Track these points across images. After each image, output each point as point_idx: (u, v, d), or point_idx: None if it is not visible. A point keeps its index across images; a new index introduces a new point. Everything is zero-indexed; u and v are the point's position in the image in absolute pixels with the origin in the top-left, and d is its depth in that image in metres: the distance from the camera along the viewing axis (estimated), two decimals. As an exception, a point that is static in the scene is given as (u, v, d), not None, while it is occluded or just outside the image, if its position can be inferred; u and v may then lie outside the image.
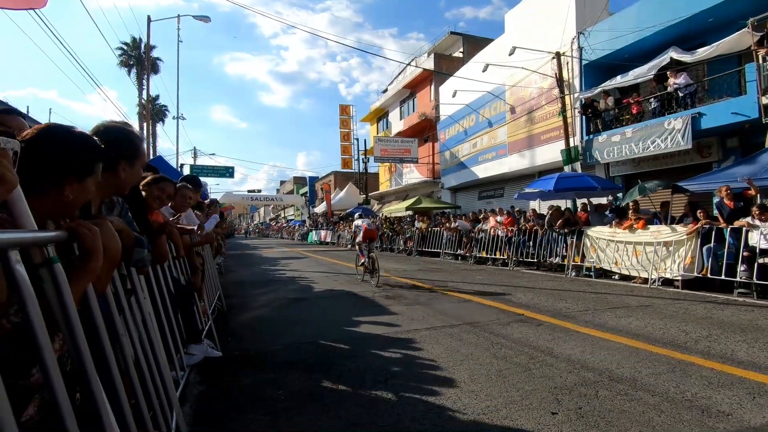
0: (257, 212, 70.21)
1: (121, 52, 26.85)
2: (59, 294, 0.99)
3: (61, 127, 1.25)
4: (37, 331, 0.82)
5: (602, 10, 12.89)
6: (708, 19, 10.25)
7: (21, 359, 0.97)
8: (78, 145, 1.20)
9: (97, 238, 1.10)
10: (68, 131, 1.23)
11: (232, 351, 4.26)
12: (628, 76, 11.69)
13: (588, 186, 10.47)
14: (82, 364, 1.05)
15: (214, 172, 26.98)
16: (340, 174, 38.67)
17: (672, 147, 10.35)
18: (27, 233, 0.90)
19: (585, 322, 5.02)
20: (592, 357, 3.74)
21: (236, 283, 9.50)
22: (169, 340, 2.58)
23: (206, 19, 18.70)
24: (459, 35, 25.47)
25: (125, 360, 1.52)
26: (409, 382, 3.29)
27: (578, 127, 13.52)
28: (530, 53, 13.53)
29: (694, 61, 10.24)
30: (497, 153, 17.61)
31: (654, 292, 7.27)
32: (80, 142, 1.21)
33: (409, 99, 27.11)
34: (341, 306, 6.61)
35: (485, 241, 12.86)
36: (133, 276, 1.92)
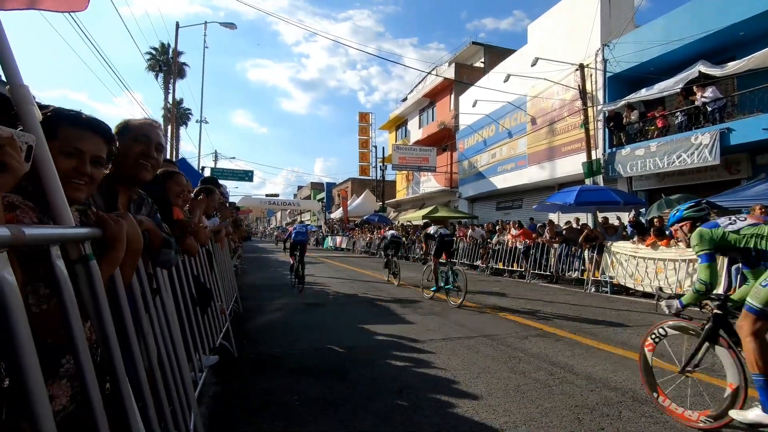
0: (274, 216, 70.94)
1: (149, 56, 27.65)
2: (93, 290, 1.01)
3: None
4: (74, 326, 0.83)
5: (628, 22, 12.72)
6: (739, 32, 10.00)
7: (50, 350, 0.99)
8: (52, 110, 1.20)
9: (121, 230, 1.13)
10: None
11: (247, 354, 4.28)
12: (654, 90, 11.47)
13: (610, 200, 10.26)
14: (111, 359, 1.06)
15: (234, 176, 27.39)
16: (357, 181, 38.83)
17: (699, 162, 10.09)
18: (67, 229, 0.92)
19: (606, 339, 4.89)
20: (614, 376, 3.63)
21: (252, 286, 9.58)
22: (189, 340, 2.60)
23: (232, 26, 19.12)
24: (480, 45, 25.44)
25: (149, 358, 1.54)
26: (425, 393, 3.24)
27: (601, 139, 13.30)
28: (553, 64, 13.42)
29: (724, 75, 9.99)
30: (517, 164, 17.44)
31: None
32: (56, 108, 1.22)
33: (428, 108, 27.15)
34: (356, 312, 6.59)
35: (502, 253, 12.70)
36: (159, 276, 1.95)
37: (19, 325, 0.66)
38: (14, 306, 0.66)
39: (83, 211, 1.26)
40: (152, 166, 1.75)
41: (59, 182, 1.00)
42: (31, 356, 0.67)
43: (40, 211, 1.06)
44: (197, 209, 2.92)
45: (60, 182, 0.99)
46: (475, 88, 19.42)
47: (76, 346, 0.84)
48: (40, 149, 0.99)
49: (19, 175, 0.81)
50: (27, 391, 0.67)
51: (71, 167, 1.14)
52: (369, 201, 32.04)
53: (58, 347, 0.99)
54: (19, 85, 1.00)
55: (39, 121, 1.01)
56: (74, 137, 1.16)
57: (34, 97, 1.03)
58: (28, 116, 0.99)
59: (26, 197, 1.05)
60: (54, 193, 0.99)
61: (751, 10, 9.36)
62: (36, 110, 1.02)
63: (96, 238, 1.06)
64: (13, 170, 0.79)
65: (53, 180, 0.99)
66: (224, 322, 4.37)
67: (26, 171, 0.85)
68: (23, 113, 0.99)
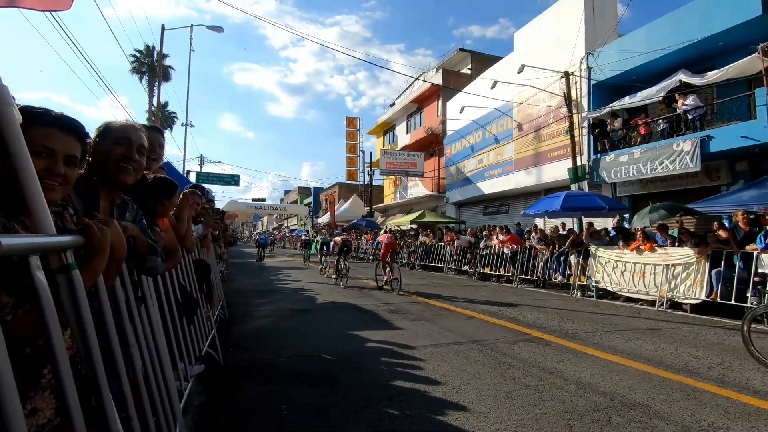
0: (260, 221, 70.31)
1: (134, 59, 27.25)
2: (74, 301, 0.96)
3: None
4: (54, 338, 0.78)
5: (611, 31, 12.99)
6: (718, 43, 10.28)
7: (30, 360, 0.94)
8: (19, 108, 1.14)
9: (105, 237, 1.08)
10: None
11: (234, 361, 4.20)
12: (637, 97, 11.71)
13: (595, 206, 10.41)
14: (93, 371, 1.01)
15: (220, 180, 27.07)
16: (344, 185, 38.74)
17: (680, 169, 10.30)
18: (47, 238, 0.87)
19: (594, 344, 4.92)
20: (602, 381, 3.65)
21: (239, 291, 9.44)
22: (174, 349, 2.53)
23: (219, 30, 18.96)
24: (468, 52, 25.70)
25: (134, 369, 1.48)
26: (416, 400, 3.21)
27: (586, 146, 13.51)
28: (539, 72, 13.61)
29: (704, 84, 10.24)
30: (504, 169, 17.60)
31: (662, 315, 7.15)
32: (23, 107, 1.15)
33: (416, 113, 27.27)
34: (345, 319, 6.53)
35: (489, 258, 12.77)
36: (144, 284, 1.89)
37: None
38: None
39: (58, 213, 1.21)
40: (134, 168, 1.69)
41: (40, 188, 0.95)
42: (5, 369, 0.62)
43: (5, 216, 1.01)
44: (185, 213, 2.85)
45: (41, 188, 0.94)
46: (463, 94, 19.58)
47: (56, 359, 0.79)
48: (18, 153, 0.95)
49: None
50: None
51: (42, 167, 1.08)
52: (356, 206, 31.98)
53: (38, 358, 0.94)
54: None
55: (19, 123, 0.96)
56: (44, 136, 1.11)
57: (13, 98, 0.99)
58: (8, 117, 0.94)
59: None
60: (34, 200, 0.94)
61: (731, 20, 9.63)
62: (16, 111, 0.97)
63: (79, 246, 1.01)
64: None
65: (33, 186, 0.94)
66: (210, 329, 4.28)
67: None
68: (2, 114, 0.94)
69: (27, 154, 0.94)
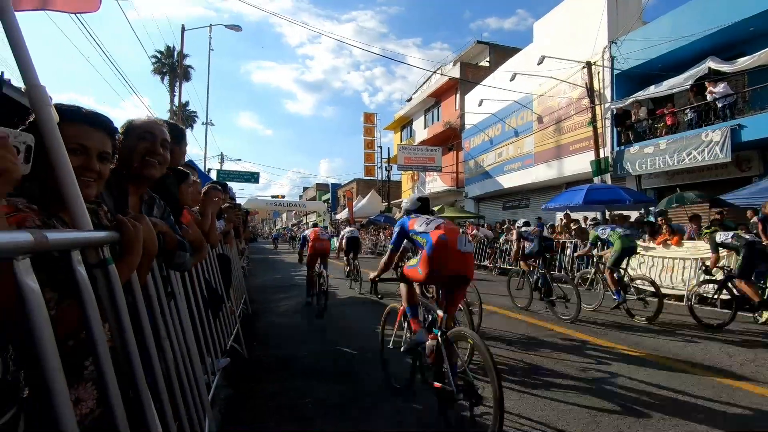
0: (279, 217, 71.14)
1: (155, 60, 27.83)
2: (112, 295, 0.99)
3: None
4: (95, 332, 0.80)
5: (635, 19, 12.60)
6: (749, 28, 9.86)
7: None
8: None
9: (138, 233, 1.10)
10: None
11: (258, 355, 4.27)
12: (663, 86, 11.35)
13: (619, 198, 10.15)
14: (130, 363, 1.04)
15: (240, 177, 27.42)
16: (362, 181, 38.80)
17: (709, 160, 9.96)
18: (86, 233, 0.90)
19: (620, 340, 4.82)
20: (630, 376, 3.57)
21: (260, 287, 9.58)
22: (201, 343, 2.58)
23: (237, 28, 19.16)
24: (485, 44, 25.32)
25: (166, 361, 1.52)
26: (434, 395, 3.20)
27: (609, 137, 13.19)
28: (559, 62, 13.32)
29: (734, 71, 9.86)
30: (523, 163, 17.34)
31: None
32: (55, 105, 1.18)
33: (433, 108, 27.07)
34: (364, 314, 6.56)
35: (510, 252, 12.62)
36: (173, 280, 1.93)
37: (43, 332, 0.64)
38: (38, 313, 0.63)
39: (93, 210, 1.24)
40: (159, 162, 1.73)
41: (77, 185, 0.98)
42: (54, 361, 0.65)
43: (45, 214, 1.04)
44: (209, 209, 2.90)
45: (78, 185, 0.97)
46: (481, 87, 19.34)
47: (98, 351, 0.82)
48: (56, 151, 0.97)
49: (15, 176, 0.75)
50: (51, 398, 0.65)
51: (78, 164, 1.10)
52: (374, 201, 32.01)
53: (80, 350, 0.97)
54: (36, 85, 0.98)
55: (57, 123, 0.99)
56: (78, 134, 1.13)
57: (50, 98, 1.02)
58: (45, 117, 0.97)
59: (31, 200, 1.02)
60: (71, 196, 0.97)
61: (762, 5, 9.22)
62: (53, 111, 1.00)
63: (114, 241, 1.04)
64: (8, 172, 0.74)
65: (70, 183, 0.97)
66: (234, 324, 4.36)
67: (25, 173, 0.81)
68: (40, 113, 0.97)
69: (64, 151, 0.97)
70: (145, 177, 1.68)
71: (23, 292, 0.62)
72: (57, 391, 0.64)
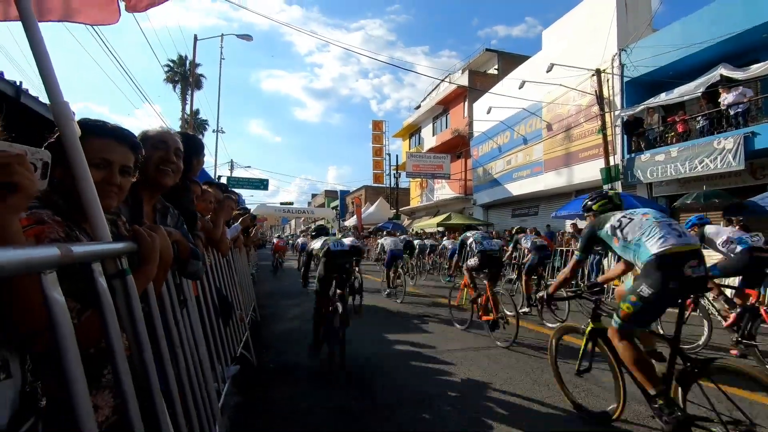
0: (288, 224, 71.46)
1: (168, 68, 28.32)
2: (129, 305, 1.01)
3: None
4: (114, 343, 0.82)
5: (645, 26, 12.54)
6: (762, 34, 9.77)
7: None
8: (78, 121, 1.18)
9: (155, 243, 1.13)
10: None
11: (267, 362, 4.28)
12: (674, 94, 11.26)
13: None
14: (145, 371, 1.06)
15: (249, 184, 27.66)
16: (371, 188, 38.91)
17: (723, 167, 9.83)
18: (107, 245, 0.92)
19: (631, 350, 4.74)
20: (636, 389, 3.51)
21: (268, 293, 9.63)
22: (212, 350, 2.61)
23: (248, 38, 19.44)
24: (494, 52, 25.36)
25: (178, 369, 1.54)
26: (448, 404, 3.19)
27: (619, 145, 13.09)
28: (568, 70, 13.29)
29: (747, 78, 9.75)
30: (533, 170, 17.27)
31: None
32: (81, 120, 1.21)
33: (442, 115, 27.13)
34: (373, 322, 6.55)
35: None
36: (185, 288, 1.96)
37: (69, 343, 0.66)
38: (64, 325, 0.66)
39: (113, 221, 1.27)
40: (172, 170, 1.78)
41: (97, 198, 1.01)
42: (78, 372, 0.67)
43: (68, 225, 1.07)
44: (221, 218, 2.94)
45: (98, 198, 1.00)
46: (490, 95, 19.36)
47: (116, 361, 0.84)
48: (78, 164, 1.01)
49: (32, 193, 0.78)
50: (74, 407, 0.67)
51: (101, 178, 1.14)
52: (383, 208, 32.03)
53: (99, 358, 1.00)
54: (60, 102, 1.01)
55: (78, 136, 1.02)
56: (102, 148, 1.16)
57: (74, 113, 1.05)
58: (69, 131, 1.00)
59: (56, 212, 1.06)
60: (92, 208, 1.00)
61: (776, 11, 9.15)
62: (75, 125, 1.03)
63: (132, 252, 1.06)
64: (25, 189, 0.76)
65: (91, 195, 1.00)
66: (244, 331, 4.39)
67: (42, 188, 0.84)
68: (64, 128, 1.00)
69: (86, 165, 1.00)
70: (160, 185, 1.72)
71: (50, 305, 0.64)
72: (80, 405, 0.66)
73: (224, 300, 3.32)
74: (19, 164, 0.76)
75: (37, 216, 0.96)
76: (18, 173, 0.75)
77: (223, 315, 3.13)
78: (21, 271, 0.57)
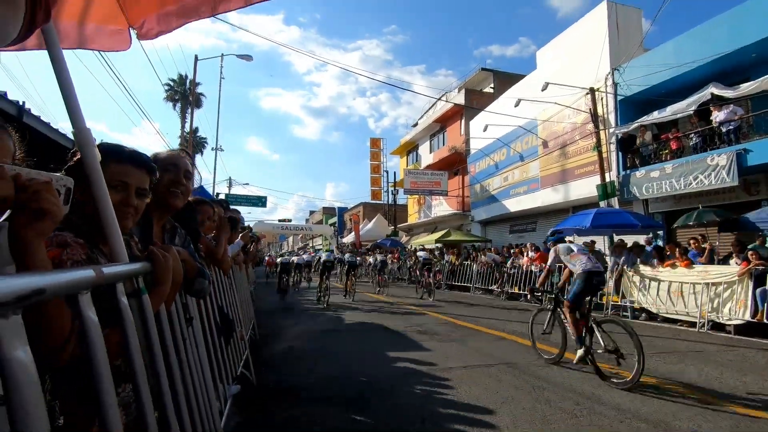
0: (286, 241, 71.24)
1: (168, 87, 28.67)
2: (144, 323, 1.04)
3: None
4: (135, 360, 0.85)
5: (637, 47, 12.85)
6: (751, 54, 10.03)
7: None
8: (97, 146, 1.25)
9: (169, 264, 1.16)
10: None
11: (267, 382, 4.25)
12: (666, 112, 11.47)
13: (628, 223, 10.11)
14: (159, 388, 1.08)
15: (248, 202, 27.71)
16: (368, 205, 39.01)
17: (717, 184, 9.96)
18: (128, 266, 0.96)
19: (631, 367, 4.73)
20: (644, 406, 3.51)
21: (267, 312, 9.57)
22: (214, 369, 2.60)
23: (249, 58, 19.74)
24: (490, 71, 25.84)
25: (185, 387, 1.55)
26: (449, 423, 3.18)
27: (614, 162, 13.26)
28: (563, 89, 13.55)
29: (736, 96, 9.96)
30: (529, 187, 17.40)
31: (704, 336, 6.83)
32: (100, 144, 1.26)
33: (439, 133, 27.43)
34: (373, 339, 6.52)
35: (518, 277, 12.55)
36: (191, 306, 1.98)
37: (102, 361, 0.69)
38: (98, 344, 0.69)
39: (126, 242, 1.31)
40: (182, 192, 1.82)
41: (116, 219, 1.05)
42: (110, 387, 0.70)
43: (89, 247, 1.11)
44: (223, 236, 2.97)
45: (117, 220, 1.04)
46: (486, 113, 19.65)
47: (137, 379, 0.87)
48: (99, 188, 1.05)
49: (58, 219, 0.82)
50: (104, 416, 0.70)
51: (118, 200, 1.18)
52: (381, 225, 32.06)
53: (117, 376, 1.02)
54: (83, 128, 1.06)
55: (99, 161, 1.07)
56: (120, 172, 1.21)
57: (94, 139, 1.10)
58: (90, 157, 1.05)
59: (77, 234, 1.10)
60: (111, 230, 1.04)
61: (761, 32, 9.41)
62: (96, 151, 1.08)
63: (147, 272, 1.10)
64: (52, 215, 0.80)
65: (110, 217, 1.04)
66: (244, 349, 4.37)
67: (65, 213, 0.88)
68: (85, 154, 1.05)
69: (106, 189, 1.05)
70: (170, 207, 1.77)
71: (85, 324, 0.68)
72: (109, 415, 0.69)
73: (226, 318, 3.33)
74: (46, 191, 0.80)
75: (60, 239, 1.00)
76: (45, 200, 0.79)
77: (225, 333, 3.13)
78: (63, 292, 0.60)
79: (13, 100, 4.55)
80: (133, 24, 1.92)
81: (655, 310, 8.42)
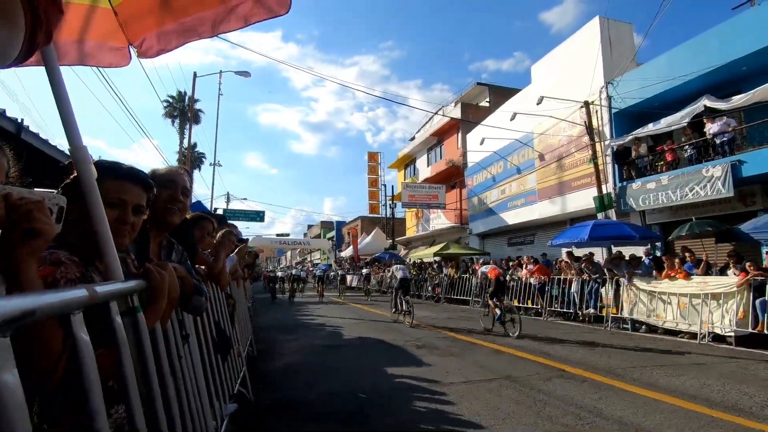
0: (284, 255, 70.98)
1: (167, 104, 28.87)
2: (139, 342, 1.02)
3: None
4: (128, 379, 0.84)
5: (630, 60, 13.05)
6: (742, 67, 10.19)
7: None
8: (94, 162, 1.25)
9: (165, 281, 1.15)
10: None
11: (264, 399, 4.19)
12: (661, 124, 11.59)
13: (625, 234, 10.12)
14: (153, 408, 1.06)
15: (246, 216, 27.68)
16: (367, 219, 39.02)
17: (712, 195, 10.01)
18: (122, 284, 0.95)
19: (633, 380, 4.70)
20: (645, 420, 3.47)
21: (265, 327, 9.48)
22: (211, 387, 2.57)
23: (247, 75, 19.94)
24: (485, 86, 26.14)
25: (181, 407, 1.52)
26: (450, 440, 3.13)
27: (610, 174, 13.34)
28: (557, 102, 13.71)
29: (729, 108, 10.09)
30: (527, 199, 17.46)
31: (705, 348, 6.78)
32: (97, 161, 1.26)
33: (436, 146, 27.61)
34: (373, 355, 6.46)
35: (516, 289, 12.50)
36: (187, 322, 1.96)
37: (93, 381, 0.68)
38: (90, 365, 0.68)
39: (122, 259, 1.30)
40: (179, 209, 1.82)
41: (111, 237, 1.04)
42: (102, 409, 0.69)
43: (84, 265, 1.10)
44: (222, 252, 2.96)
45: (113, 238, 1.03)
46: (482, 127, 19.82)
47: (130, 399, 0.85)
48: (95, 206, 1.05)
49: (50, 238, 0.81)
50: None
51: (114, 217, 1.18)
52: (379, 239, 32.02)
53: (109, 396, 1.00)
54: (80, 146, 1.07)
55: (95, 179, 1.07)
56: (117, 188, 1.20)
57: (91, 156, 1.10)
58: (87, 175, 1.05)
59: (73, 252, 1.09)
60: (106, 248, 1.04)
61: (752, 46, 9.59)
62: (93, 169, 1.08)
63: (142, 290, 1.09)
64: (44, 234, 0.79)
65: (106, 235, 1.04)
66: (241, 366, 4.31)
67: (57, 232, 0.88)
68: (82, 172, 1.05)
69: (102, 207, 1.04)
70: (167, 224, 1.76)
71: (78, 345, 0.67)
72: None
73: (223, 334, 3.29)
74: (38, 210, 0.79)
75: (55, 257, 0.99)
76: (37, 219, 0.78)
77: (222, 350, 3.09)
78: (54, 313, 0.60)
79: (12, 118, 4.57)
80: (132, 42, 1.94)
81: (655, 322, 8.38)
